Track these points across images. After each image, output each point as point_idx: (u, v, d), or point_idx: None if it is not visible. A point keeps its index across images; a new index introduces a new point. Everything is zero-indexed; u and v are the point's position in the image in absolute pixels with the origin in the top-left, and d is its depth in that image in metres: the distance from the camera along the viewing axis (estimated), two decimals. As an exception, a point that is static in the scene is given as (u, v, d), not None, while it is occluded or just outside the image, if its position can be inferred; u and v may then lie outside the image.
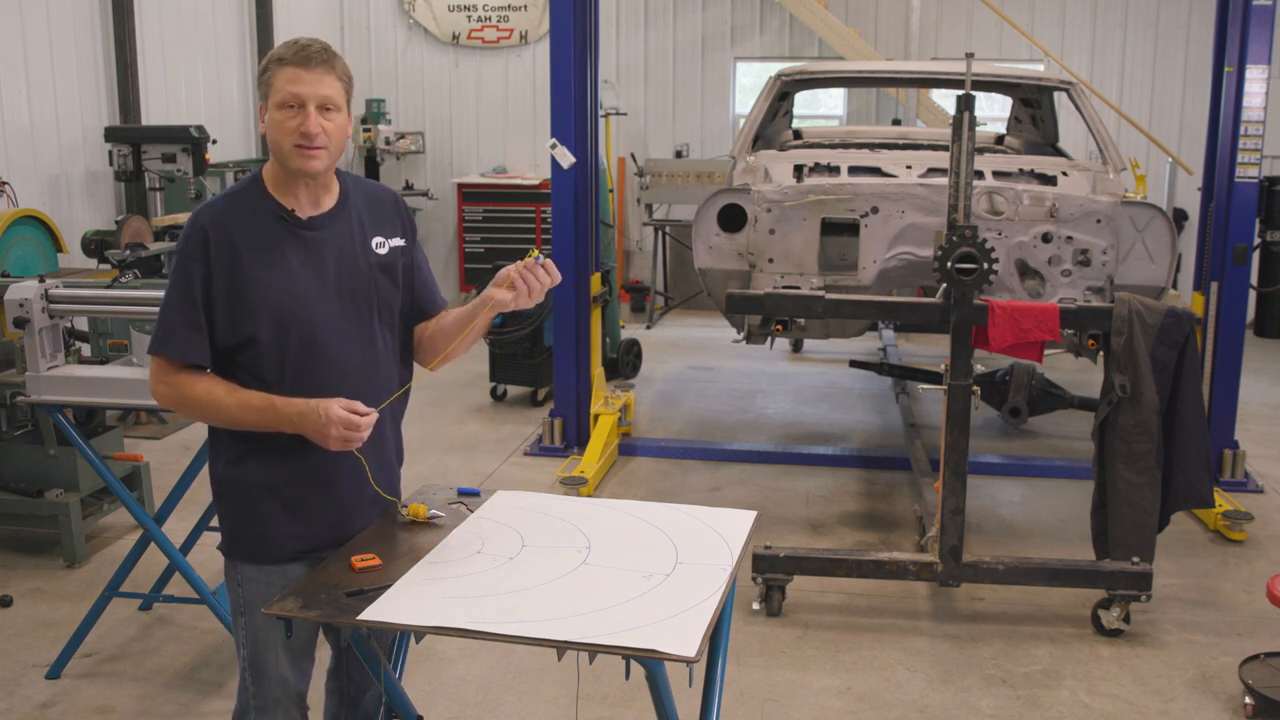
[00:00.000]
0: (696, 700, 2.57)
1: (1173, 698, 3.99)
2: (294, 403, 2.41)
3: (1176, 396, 4.48)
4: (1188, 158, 9.94)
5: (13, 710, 3.83)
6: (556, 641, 2.11)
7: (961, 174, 4.34)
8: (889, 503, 6.00)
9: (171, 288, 2.46)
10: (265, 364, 2.47)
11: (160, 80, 9.09)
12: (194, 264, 2.43)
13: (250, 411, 2.43)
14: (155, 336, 2.48)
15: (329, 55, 2.45)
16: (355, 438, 2.40)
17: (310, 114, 2.41)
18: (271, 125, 2.44)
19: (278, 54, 2.44)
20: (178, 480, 4.13)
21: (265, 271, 2.44)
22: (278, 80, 2.42)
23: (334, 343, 2.51)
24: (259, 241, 2.46)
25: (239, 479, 2.56)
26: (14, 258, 6.57)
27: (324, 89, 2.43)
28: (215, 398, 2.44)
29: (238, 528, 2.59)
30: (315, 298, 2.49)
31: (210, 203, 2.52)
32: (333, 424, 2.38)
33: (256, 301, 2.43)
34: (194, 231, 2.45)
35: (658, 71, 11.72)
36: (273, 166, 2.52)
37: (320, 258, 2.51)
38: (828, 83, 8.20)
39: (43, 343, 3.92)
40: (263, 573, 2.56)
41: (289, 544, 2.56)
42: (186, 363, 2.46)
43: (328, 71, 2.44)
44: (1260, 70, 5.72)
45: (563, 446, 6.63)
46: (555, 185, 6.39)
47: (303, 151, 2.43)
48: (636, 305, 11.26)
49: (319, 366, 2.49)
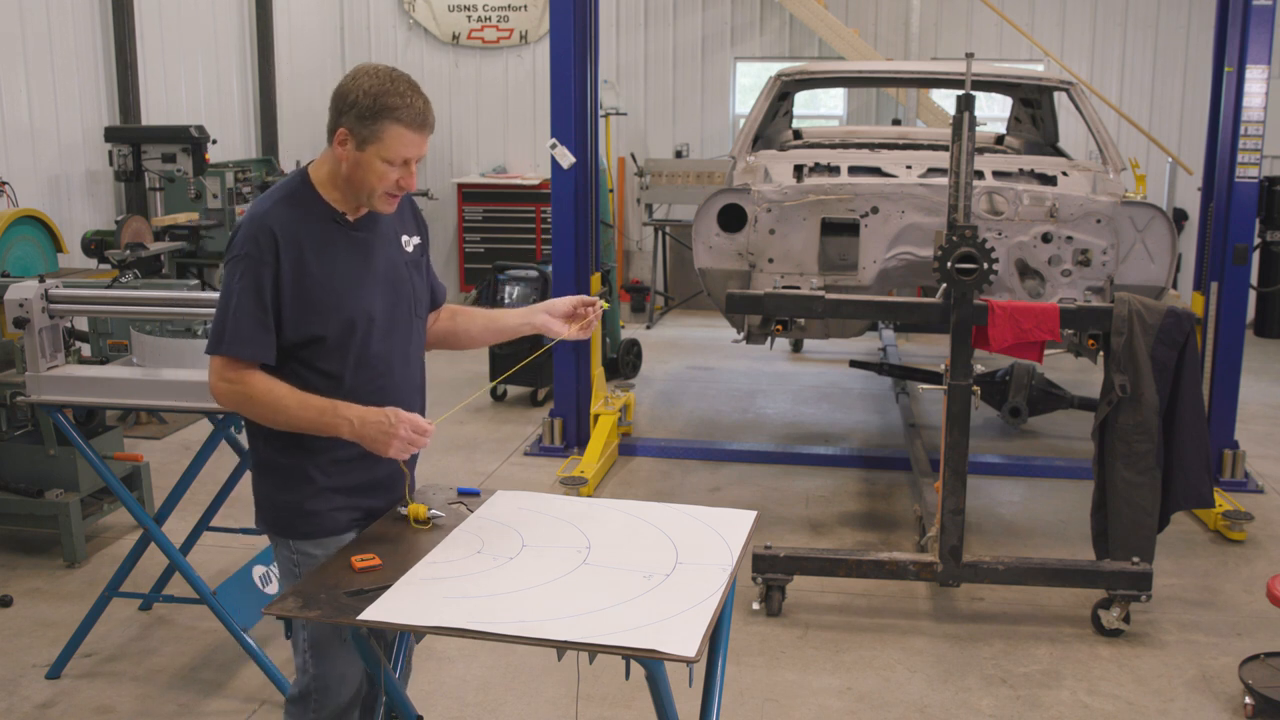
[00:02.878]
0: (696, 700, 2.57)
1: (1173, 698, 3.99)
2: (353, 408, 2.49)
3: (1176, 396, 4.47)
4: (1188, 158, 9.94)
5: (13, 710, 3.83)
6: (556, 641, 2.11)
7: (961, 174, 4.34)
8: (889, 503, 6.00)
9: (239, 290, 2.46)
10: (330, 359, 2.55)
11: (160, 80, 9.09)
12: (264, 267, 2.46)
13: (309, 410, 2.47)
14: (223, 337, 2.48)
15: (433, 115, 2.53)
16: (420, 442, 2.51)
17: (413, 171, 2.53)
18: (366, 169, 2.48)
19: (392, 106, 2.44)
20: (178, 480, 4.12)
21: (330, 273, 2.52)
22: (389, 136, 2.45)
23: (387, 339, 2.62)
24: (321, 244, 2.53)
25: (285, 458, 2.59)
26: (14, 258, 6.57)
27: (425, 148, 2.53)
28: (276, 396, 2.47)
29: (290, 506, 2.61)
30: (371, 296, 2.59)
31: (268, 205, 2.53)
32: (402, 423, 2.46)
33: (324, 302, 2.51)
34: (260, 233, 2.47)
35: (658, 71, 11.72)
36: (327, 174, 2.57)
37: (370, 258, 2.60)
38: (828, 83, 8.20)
39: (43, 343, 3.92)
40: (320, 546, 2.60)
41: (342, 515, 2.61)
42: (253, 362, 2.50)
43: (430, 132, 2.52)
44: (1260, 70, 5.72)
45: (563, 446, 6.63)
46: (555, 185, 6.39)
47: (390, 199, 2.55)
48: (636, 305, 11.27)
49: (376, 361, 2.60)
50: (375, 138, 2.45)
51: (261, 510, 2.68)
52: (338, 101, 2.49)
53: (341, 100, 2.48)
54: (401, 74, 2.50)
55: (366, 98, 2.44)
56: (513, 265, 8.21)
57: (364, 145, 2.46)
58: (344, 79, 2.52)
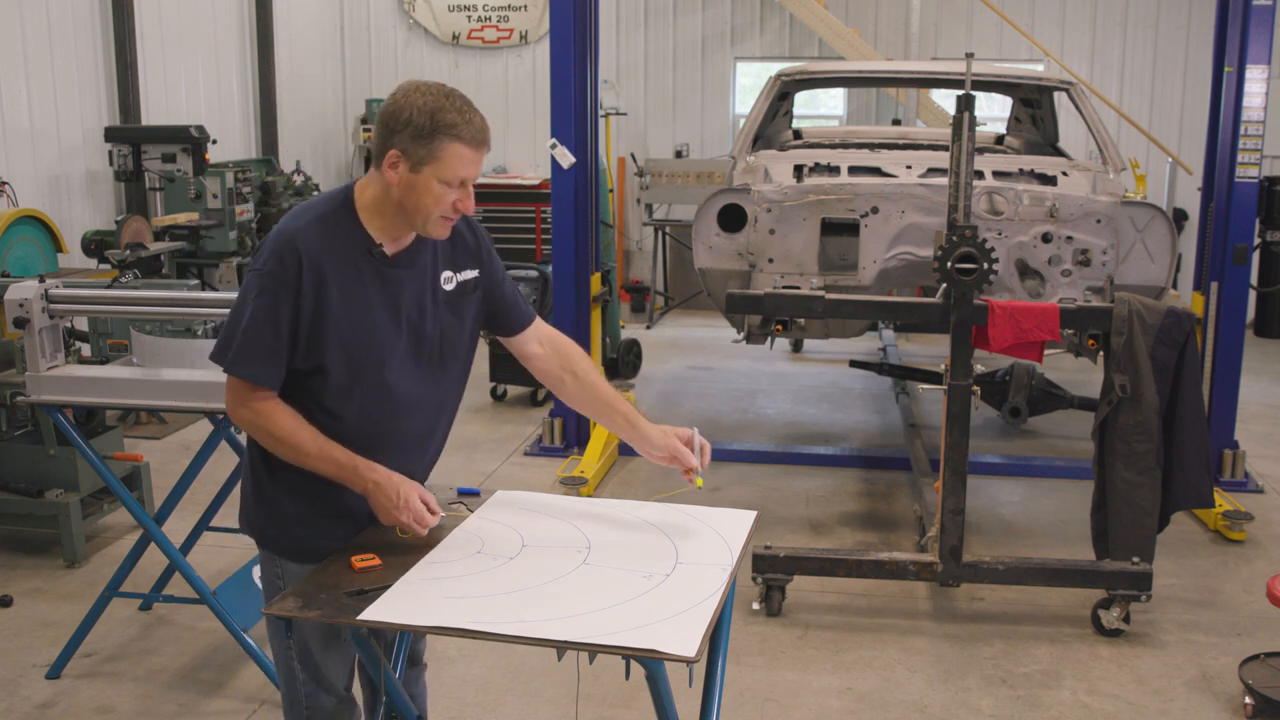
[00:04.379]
0: (696, 700, 2.56)
1: (1173, 698, 3.99)
2: (376, 469, 2.41)
3: (1176, 396, 4.47)
4: (1188, 158, 9.94)
5: (13, 710, 3.83)
6: (556, 641, 2.11)
7: (961, 174, 4.34)
8: (889, 503, 6.00)
9: (255, 308, 2.34)
10: (332, 395, 2.43)
11: (160, 80, 9.10)
12: (284, 290, 2.33)
13: (329, 464, 2.40)
14: (230, 351, 2.37)
15: (490, 131, 2.40)
16: (417, 531, 2.44)
17: (470, 192, 2.39)
18: (422, 190, 2.33)
19: (450, 123, 2.30)
20: (178, 480, 4.12)
21: (347, 309, 2.38)
22: (448, 155, 2.31)
23: (400, 382, 2.49)
24: (347, 276, 2.38)
25: (280, 484, 2.52)
26: (14, 258, 6.57)
27: (481, 166, 2.40)
28: (299, 441, 2.39)
29: (279, 528, 2.57)
30: (388, 337, 2.45)
31: (302, 223, 2.39)
32: (405, 511, 2.41)
33: (333, 337, 2.38)
34: (288, 254, 2.34)
35: (658, 71, 11.73)
36: (373, 197, 2.42)
37: (397, 296, 2.46)
38: (828, 83, 8.20)
39: (43, 343, 3.92)
40: (305, 570, 2.53)
41: (332, 544, 2.51)
42: (263, 387, 2.41)
43: (488, 149, 2.40)
44: (1260, 70, 5.72)
45: (563, 446, 6.63)
46: (555, 185, 6.39)
47: (446, 222, 2.41)
48: (636, 305, 11.27)
49: (382, 402, 2.48)
50: (432, 157, 2.30)
51: (246, 516, 2.63)
52: (388, 121, 2.32)
53: (393, 120, 2.31)
54: (454, 89, 2.36)
55: (422, 115, 2.28)
56: (513, 265, 8.19)
57: (419, 166, 2.31)
58: (392, 98, 2.35)
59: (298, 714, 2.70)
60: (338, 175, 11.93)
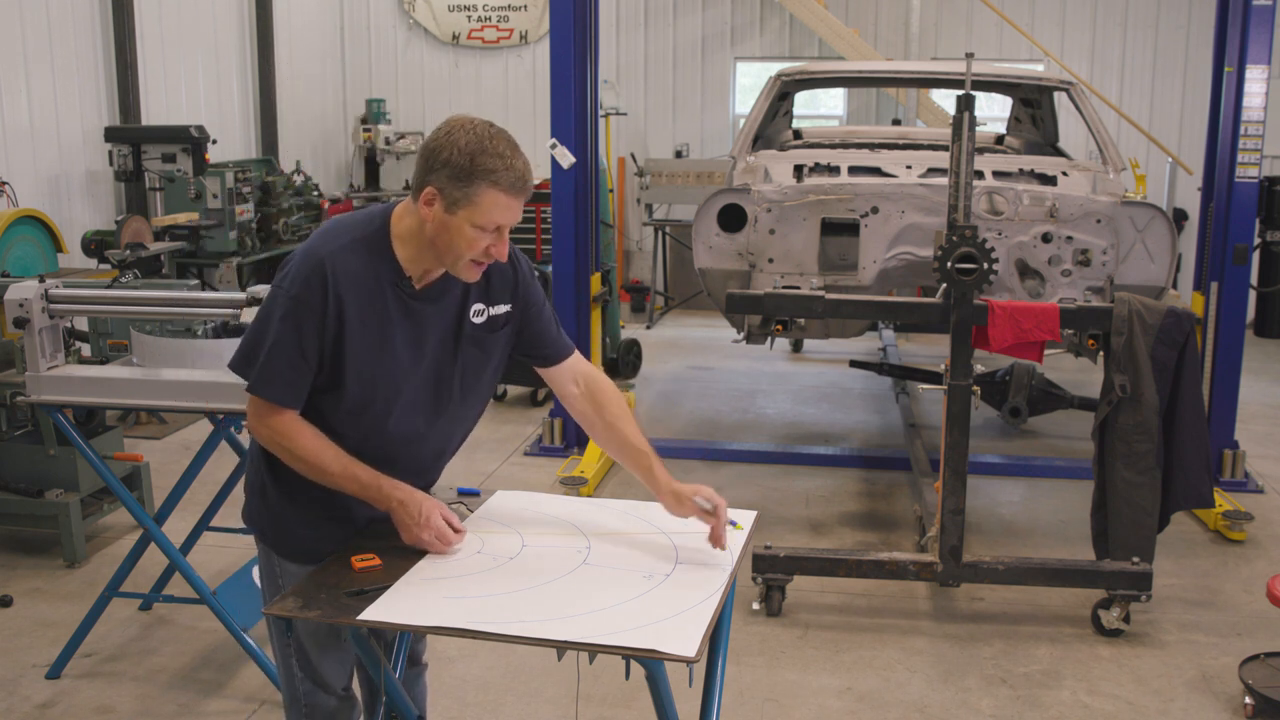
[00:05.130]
0: (696, 700, 2.56)
1: (1173, 698, 3.99)
2: (400, 488, 2.40)
3: (1176, 396, 4.47)
4: (1188, 158, 9.94)
5: (13, 710, 3.83)
6: (556, 641, 2.11)
7: (961, 174, 4.34)
8: (889, 503, 6.00)
9: (279, 330, 2.31)
10: (339, 418, 2.42)
11: (160, 80, 9.10)
12: (309, 315, 2.30)
13: (352, 482, 2.39)
14: (257, 376, 2.34)
15: (532, 176, 2.32)
16: (439, 550, 2.42)
17: (505, 239, 2.34)
18: (455, 233, 2.28)
19: (490, 169, 2.23)
20: (178, 480, 4.12)
21: (365, 341, 2.36)
22: (484, 201, 2.24)
23: (407, 414, 2.47)
24: (371, 308, 2.35)
25: (283, 485, 2.52)
26: (14, 258, 6.57)
27: (519, 214, 2.33)
28: (323, 461, 2.38)
29: (280, 528, 2.56)
30: (405, 372, 2.42)
31: (335, 247, 2.34)
32: (427, 530, 2.40)
33: (350, 367, 2.36)
34: (314, 277, 2.30)
35: (658, 71, 11.73)
36: (409, 228, 2.36)
37: (421, 331, 2.43)
38: (828, 83, 8.21)
39: (43, 343, 3.92)
40: (304, 570, 2.52)
41: (332, 546, 2.51)
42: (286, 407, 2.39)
43: (528, 196, 2.32)
44: (1260, 70, 5.72)
45: (563, 446, 6.63)
46: (555, 185, 6.38)
47: (477, 267, 2.36)
48: (636, 305, 11.27)
49: (385, 429, 2.46)
50: (468, 201, 2.24)
51: (248, 512, 2.63)
52: (428, 157, 2.27)
53: (433, 157, 2.25)
54: (500, 130, 2.28)
55: (462, 156, 2.22)
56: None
57: (454, 208, 2.25)
58: (436, 132, 2.29)
59: (297, 712, 2.70)
60: (337, 175, 11.93)
